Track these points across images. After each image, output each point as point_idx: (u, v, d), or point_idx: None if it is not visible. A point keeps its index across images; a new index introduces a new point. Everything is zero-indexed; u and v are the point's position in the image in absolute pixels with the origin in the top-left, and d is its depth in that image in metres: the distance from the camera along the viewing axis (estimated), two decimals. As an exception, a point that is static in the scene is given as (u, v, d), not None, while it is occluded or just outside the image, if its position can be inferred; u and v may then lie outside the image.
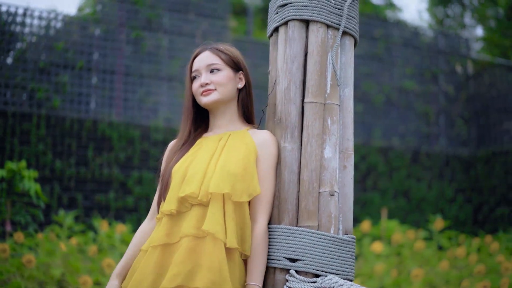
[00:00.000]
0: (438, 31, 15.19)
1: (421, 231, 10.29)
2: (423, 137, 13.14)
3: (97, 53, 10.49)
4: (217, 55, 2.94)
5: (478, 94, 13.79)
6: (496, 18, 18.46)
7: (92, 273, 6.86)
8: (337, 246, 2.74)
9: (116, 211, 9.78)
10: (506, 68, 13.72)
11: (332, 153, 2.80)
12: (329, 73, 2.86)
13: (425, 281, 7.81)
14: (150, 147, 10.26)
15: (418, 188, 12.49)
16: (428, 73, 13.33)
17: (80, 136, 9.82)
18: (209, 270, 2.60)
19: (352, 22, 2.94)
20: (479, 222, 12.71)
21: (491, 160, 12.81)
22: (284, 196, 2.79)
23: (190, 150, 2.93)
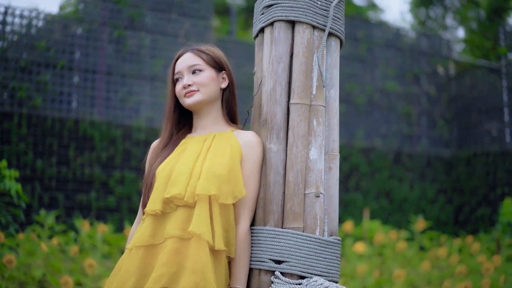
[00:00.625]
0: (420, 32, 15.25)
1: (403, 232, 10.33)
2: (405, 138, 13.19)
3: (79, 52, 10.42)
4: (199, 56, 2.94)
5: (460, 95, 13.86)
6: (477, 19, 18.57)
7: (73, 273, 6.83)
8: (322, 247, 2.74)
9: (98, 211, 9.73)
10: (487, 70, 13.80)
11: (318, 154, 2.80)
12: (315, 74, 2.85)
13: (407, 282, 7.84)
14: (132, 146, 10.21)
15: (400, 189, 12.53)
16: (410, 74, 13.38)
17: (62, 135, 9.76)
18: (193, 272, 2.58)
19: (338, 23, 2.93)
20: (460, 222, 12.77)
21: (472, 161, 12.89)
22: (269, 198, 2.78)
23: (174, 150, 2.92)
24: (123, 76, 10.66)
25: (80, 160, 9.81)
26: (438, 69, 13.84)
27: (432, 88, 13.63)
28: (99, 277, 6.88)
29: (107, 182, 9.92)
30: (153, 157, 2.99)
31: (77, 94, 10.30)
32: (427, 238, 10.67)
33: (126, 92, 10.65)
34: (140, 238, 2.74)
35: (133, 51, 10.80)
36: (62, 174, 9.64)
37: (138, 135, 10.26)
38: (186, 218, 2.70)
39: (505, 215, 10.19)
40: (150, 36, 10.99)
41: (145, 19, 11.00)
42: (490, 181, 12.42)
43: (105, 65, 10.53)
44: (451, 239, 11.17)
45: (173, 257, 2.64)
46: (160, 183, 2.78)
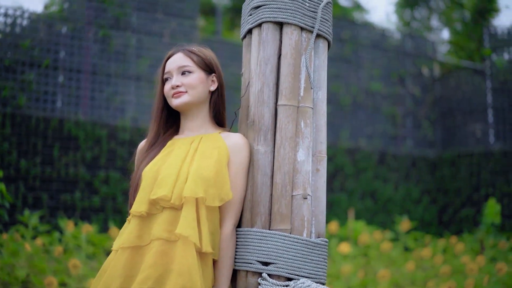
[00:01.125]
0: (405, 33, 15.30)
1: (387, 232, 10.36)
2: (389, 139, 13.23)
3: (64, 52, 10.37)
4: (189, 57, 2.92)
5: (444, 96, 13.93)
6: (462, 21, 18.67)
7: (58, 273, 6.80)
8: (309, 249, 2.74)
9: (82, 211, 9.69)
10: (471, 71, 13.88)
11: (305, 156, 2.79)
12: (302, 76, 2.84)
13: (391, 282, 7.86)
14: (117, 146, 10.17)
15: (385, 189, 12.57)
16: (395, 75, 13.43)
17: (46, 135, 9.70)
18: (180, 275, 2.58)
19: (326, 25, 2.93)
20: (444, 223, 12.83)
21: (456, 161, 12.95)
22: (256, 199, 2.77)
23: (161, 152, 2.91)
24: (108, 76, 10.62)
25: (64, 160, 9.76)
26: (423, 70, 13.90)
27: (417, 89, 13.68)
28: (84, 277, 6.84)
29: (92, 182, 9.87)
30: (140, 157, 2.97)
31: (61, 94, 10.24)
32: (412, 238, 10.71)
33: (111, 92, 10.61)
34: (126, 239, 2.73)
35: (119, 50, 10.76)
36: (47, 174, 9.59)
37: (123, 135, 10.22)
38: (173, 220, 2.69)
39: (489, 216, 10.25)
40: (136, 36, 10.95)
41: (130, 18, 10.96)
42: (474, 182, 12.49)
43: (90, 65, 10.49)
44: (435, 240, 11.22)
45: (159, 259, 2.63)
46: (147, 184, 2.76)
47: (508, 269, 8.00)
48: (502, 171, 12.06)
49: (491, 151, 12.41)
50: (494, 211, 10.24)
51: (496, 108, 12.80)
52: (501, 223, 11.15)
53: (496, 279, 7.80)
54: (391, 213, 12.33)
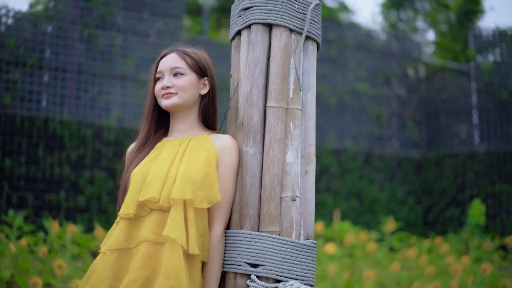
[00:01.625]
0: (391, 34, 15.34)
1: (373, 233, 10.39)
2: (375, 139, 13.27)
3: (49, 51, 10.31)
4: (183, 58, 2.90)
5: (430, 97, 13.99)
6: (447, 22, 18.75)
7: (42, 274, 6.76)
8: (298, 251, 2.74)
9: (67, 211, 9.64)
10: (457, 72, 13.94)
11: (294, 158, 2.79)
12: (291, 78, 2.84)
13: (377, 282, 7.88)
14: (102, 146, 10.13)
15: (370, 190, 12.61)
16: (381, 76, 13.46)
17: (31, 134, 9.65)
18: (167, 277, 2.57)
19: (315, 27, 2.93)
20: (429, 223, 12.89)
21: (441, 162, 13.01)
22: (245, 201, 2.77)
23: (149, 153, 2.89)
24: (94, 75, 10.58)
25: (49, 159, 9.71)
26: (409, 71, 13.95)
27: (403, 90, 13.73)
28: (69, 278, 6.81)
29: (77, 182, 9.83)
30: (129, 159, 2.96)
31: (47, 93, 10.18)
32: (397, 239, 10.75)
33: (96, 91, 10.57)
34: (114, 242, 2.72)
35: (104, 50, 10.72)
36: (31, 173, 9.54)
37: (109, 134, 10.19)
38: (161, 222, 2.68)
39: (473, 217, 10.30)
40: (121, 35, 10.91)
41: (116, 18, 10.91)
42: (458, 183, 12.55)
43: (76, 64, 10.44)
44: (420, 240, 11.26)
45: (147, 261, 2.62)
46: (135, 186, 2.76)
47: (492, 269, 8.04)
48: (487, 172, 12.13)
49: (476, 152, 12.47)
50: (478, 212, 10.30)
51: (481, 109, 12.87)
52: (486, 223, 11.21)
53: (481, 280, 7.84)
54: (377, 214, 12.36)
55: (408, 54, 13.98)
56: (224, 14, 20.79)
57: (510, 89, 12.46)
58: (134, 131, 10.33)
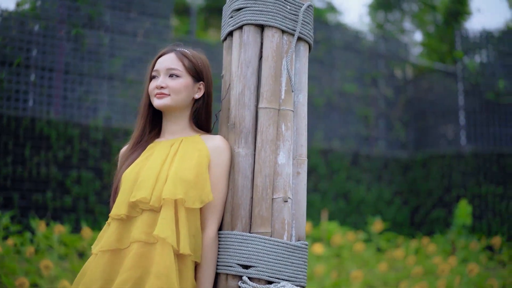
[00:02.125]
0: (378, 35, 15.38)
1: (360, 233, 10.41)
2: (362, 140, 13.30)
3: (36, 50, 10.24)
4: (181, 60, 2.89)
5: (417, 98, 14.04)
6: (434, 23, 18.82)
7: (29, 274, 6.73)
8: (290, 252, 2.73)
9: (54, 211, 9.59)
10: (443, 73, 14.00)
11: (286, 159, 2.79)
12: (283, 79, 2.84)
13: (364, 283, 7.90)
14: (89, 146, 10.09)
15: (358, 190, 12.63)
16: (368, 76, 13.49)
17: (17, 134, 9.59)
18: (157, 277, 2.56)
19: (307, 28, 2.93)
20: (416, 224, 12.93)
21: (428, 163, 13.05)
22: (237, 202, 2.77)
23: (141, 155, 2.89)
24: (81, 75, 10.52)
25: (36, 159, 9.65)
26: (396, 72, 13.99)
27: (390, 90, 13.77)
28: (55, 278, 6.78)
29: (64, 182, 9.78)
30: (122, 160, 2.96)
31: (33, 93, 10.12)
32: (384, 239, 10.77)
33: (83, 91, 10.51)
34: (105, 243, 2.71)
35: (92, 49, 10.67)
36: (18, 173, 9.48)
37: (96, 134, 10.15)
38: (152, 222, 2.68)
39: (460, 217, 10.34)
40: (109, 35, 10.86)
41: (103, 17, 10.87)
42: (445, 183, 12.60)
43: (63, 63, 10.38)
44: (407, 241, 11.29)
45: (138, 262, 2.62)
46: (126, 187, 2.75)
47: (479, 270, 8.09)
48: (473, 172, 12.18)
49: (463, 153, 12.52)
50: (465, 213, 10.34)
51: (468, 110, 12.93)
52: (472, 224, 11.26)
53: (468, 280, 7.88)
54: (364, 214, 12.39)
55: (395, 55, 14.02)
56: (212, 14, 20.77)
57: (496, 91, 12.52)
58: (121, 131, 10.31)
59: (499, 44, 12.89)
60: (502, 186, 11.79)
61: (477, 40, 13.00)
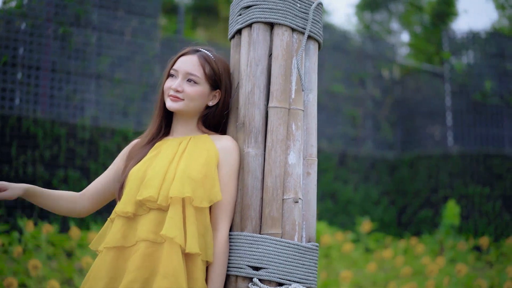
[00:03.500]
0: (366, 36, 15.41)
1: (349, 233, 10.41)
2: (350, 140, 13.31)
3: (23, 48, 10.16)
4: (202, 66, 2.82)
5: (404, 98, 14.08)
6: (421, 24, 18.88)
7: (17, 274, 6.68)
8: (301, 254, 2.70)
9: (41, 210, 9.50)
10: (431, 74, 14.05)
11: (296, 159, 2.76)
12: (293, 78, 2.81)
13: (353, 283, 7.90)
14: (77, 145, 10.02)
15: (345, 190, 12.63)
16: (356, 77, 13.51)
17: (4, 133, 9.50)
18: (165, 277, 2.53)
19: (317, 26, 2.89)
20: (403, 224, 12.96)
21: (415, 163, 13.09)
22: (247, 203, 2.73)
23: (149, 152, 2.85)
24: (68, 74, 10.44)
25: (22, 158, 9.57)
26: (383, 72, 14.02)
27: (377, 91, 13.79)
28: (44, 278, 6.73)
29: (51, 181, 9.70)
30: (132, 151, 2.92)
31: (20, 91, 10.03)
32: (373, 239, 10.79)
33: (71, 89, 10.44)
34: (111, 239, 2.68)
35: (79, 48, 10.59)
36: (4, 172, 9.39)
37: (83, 133, 10.08)
38: (159, 221, 2.64)
39: (448, 217, 10.38)
40: (96, 34, 10.79)
41: (91, 16, 10.80)
42: (432, 184, 12.64)
43: (50, 62, 10.30)
44: (396, 241, 11.32)
45: (145, 262, 2.59)
46: (134, 185, 2.72)
47: (467, 270, 8.12)
48: (460, 173, 12.23)
49: (450, 153, 12.58)
50: (453, 213, 10.38)
51: (455, 111, 12.99)
52: (459, 224, 11.31)
53: (456, 280, 7.92)
54: (351, 214, 12.40)
55: (383, 55, 14.05)
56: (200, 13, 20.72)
57: (483, 91, 12.58)
58: (109, 130, 10.25)
59: (486, 45, 12.96)
60: (488, 186, 11.85)
61: (464, 41, 13.06)
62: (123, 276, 2.63)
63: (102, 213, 9.76)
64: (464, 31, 13.11)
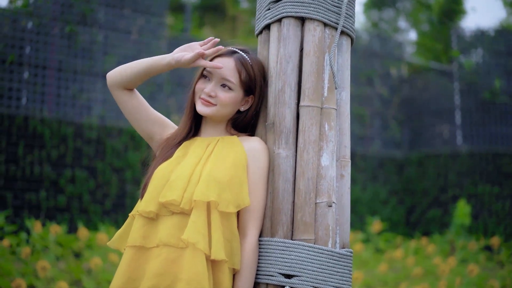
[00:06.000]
0: (373, 34, 15.33)
1: (359, 233, 10.34)
2: (358, 139, 13.22)
3: (29, 47, 10.10)
4: (239, 72, 2.70)
5: (412, 97, 13.99)
6: (429, 22, 18.80)
7: (26, 276, 6.62)
8: (335, 261, 2.59)
9: (47, 211, 9.45)
10: (439, 72, 13.96)
11: (330, 161, 2.63)
12: (326, 75, 2.68)
13: (364, 284, 7.83)
14: (83, 145, 9.96)
15: (353, 190, 12.54)
16: (363, 75, 13.42)
17: (11, 132, 9.44)
18: (188, 283, 2.44)
19: (350, 21, 2.77)
20: (411, 223, 12.87)
21: (423, 162, 13.00)
22: (277, 207, 2.60)
23: (176, 151, 2.74)
24: (75, 73, 10.39)
25: (29, 158, 9.51)
26: (391, 71, 13.93)
27: (385, 89, 13.70)
28: (52, 279, 6.68)
29: (57, 181, 9.64)
30: (166, 146, 2.80)
31: (27, 90, 9.98)
32: (383, 239, 10.71)
33: (77, 89, 10.39)
34: (131, 238, 2.61)
35: (85, 47, 10.53)
36: (11, 172, 9.33)
37: (90, 133, 10.01)
38: (182, 226, 2.54)
39: (458, 217, 10.29)
40: (103, 32, 10.74)
41: (97, 14, 10.73)
42: (441, 183, 12.55)
43: (56, 61, 10.24)
44: (406, 241, 11.24)
45: (167, 268, 2.50)
46: (158, 184, 2.62)
47: (479, 270, 8.05)
48: (469, 172, 12.14)
49: (458, 152, 12.48)
50: (464, 212, 10.29)
51: (464, 110, 12.90)
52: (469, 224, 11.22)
53: (468, 280, 7.84)
54: (360, 214, 12.31)
55: (391, 54, 13.96)
56: (207, 12, 20.66)
57: (492, 90, 12.49)
58: (115, 129, 10.19)
59: (494, 43, 12.87)
60: (498, 185, 11.75)
61: (472, 39, 12.98)
62: (142, 278, 2.56)
63: (109, 214, 9.71)
64: (472, 29, 13.03)
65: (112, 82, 2.84)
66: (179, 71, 11.22)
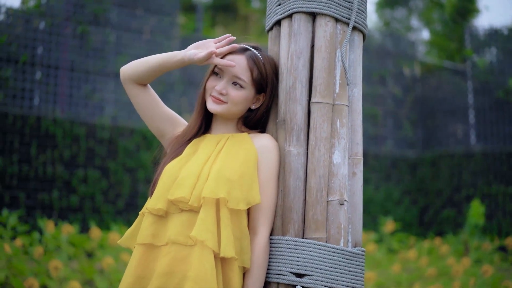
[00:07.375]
0: (386, 33, 15.27)
1: (372, 234, 10.30)
2: (370, 139, 13.17)
3: (42, 48, 10.13)
4: (251, 70, 2.67)
5: (425, 96, 13.92)
6: (442, 21, 18.73)
7: (38, 275, 6.63)
8: (347, 260, 2.54)
9: (60, 211, 9.46)
10: (452, 71, 13.88)
11: (341, 158, 2.59)
12: (338, 71, 2.64)
13: (377, 284, 7.79)
14: (96, 145, 9.97)
15: (366, 190, 12.49)
16: (376, 75, 13.37)
17: (23, 132, 9.46)
18: (195, 281, 2.42)
19: (362, 17, 2.73)
20: (425, 223, 12.80)
21: (437, 162, 12.93)
22: (289, 205, 2.56)
23: (186, 149, 2.71)
24: (87, 73, 10.41)
25: (42, 158, 9.53)
26: (404, 70, 13.87)
27: (398, 89, 13.64)
28: (64, 279, 6.68)
29: (70, 181, 9.65)
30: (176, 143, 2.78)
31: (39, 91, 10.01)
32: (396, 240, 10.65)
33: (89, 89, 10.41)
34: (141, 236, 2.59)
35: (97, 47, 10.55)
36: (24, 172, 9.35)
37: (102, 133, 10.02)
38: (191, 223, 2.52)
39: (473, 217, 10.22)
40: (115, 32, 10.75)
41: (109, 14, 10.75)
42: (454, 183, 12.47)
43: (68, 61, 10.27)
44: (420, 241, 11.18)
45: (176, 267, 2.48)
46: (167, 182, 2.59)
47: (493, 271, 7.98)
48: (483, 172, 12.06)
49: (472, 152, 12.40)
50: (478, 213, 10.22)
51: (477, 109, 12.82)
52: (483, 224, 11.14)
53: (482, 281, 7.78)
54: (372, 214, 12.26)
55: (403, 53, 13.90)
56: (219, 11, 20.66)
57: (506, 89, 12.41)
58: (128, 129, 10.19)
59: (507, 42, 12.79)
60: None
61: (486, 38, 12.90)
62: (151, 277, 2.54)
63: (122, 214, 9.71)
64: (486, 28, 12.95)
65: (125, 76, 2.84)
66: (191, 70, 11.22)
